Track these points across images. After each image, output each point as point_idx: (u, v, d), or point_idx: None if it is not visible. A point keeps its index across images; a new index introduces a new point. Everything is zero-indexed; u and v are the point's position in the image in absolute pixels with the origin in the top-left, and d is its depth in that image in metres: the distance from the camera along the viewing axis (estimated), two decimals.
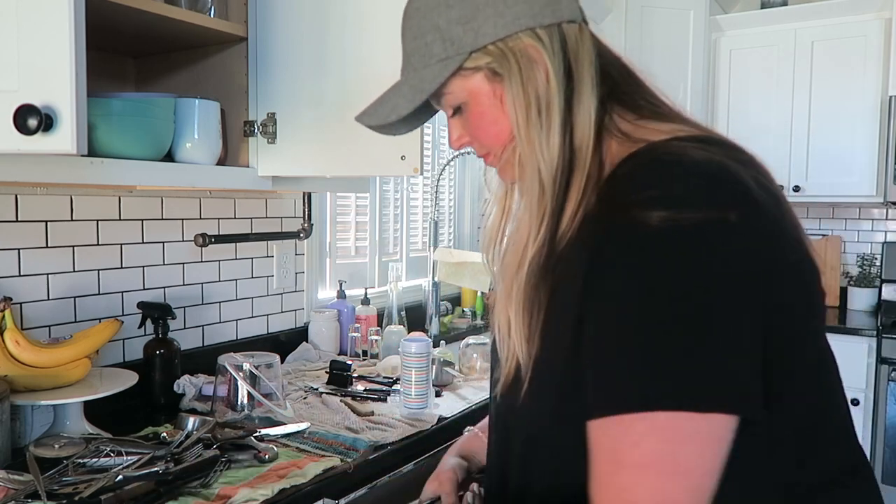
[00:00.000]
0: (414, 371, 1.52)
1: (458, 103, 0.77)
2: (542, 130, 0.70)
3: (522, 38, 0.71)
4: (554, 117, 0.70)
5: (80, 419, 1.31)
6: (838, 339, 2.70)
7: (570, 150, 0.71)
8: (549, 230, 0.70)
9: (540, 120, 0.71)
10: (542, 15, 0.71)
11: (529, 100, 0.71)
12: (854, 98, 2.93)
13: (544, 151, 0.70)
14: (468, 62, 0.73)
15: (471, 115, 0.77)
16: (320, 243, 2.18)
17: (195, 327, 1.77)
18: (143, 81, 1.60)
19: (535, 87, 0.71)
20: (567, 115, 0.71)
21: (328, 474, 1.20)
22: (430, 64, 0.74)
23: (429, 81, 0.75)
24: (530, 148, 0.71)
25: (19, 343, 1.25)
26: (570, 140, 0.71)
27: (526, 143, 0.71)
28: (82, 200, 1.50)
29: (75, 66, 0.90)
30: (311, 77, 1.42)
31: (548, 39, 0.71)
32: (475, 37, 0.72)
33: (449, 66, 0.73)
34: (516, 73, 0.71)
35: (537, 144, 0.70)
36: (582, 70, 0.72)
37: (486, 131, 0.76)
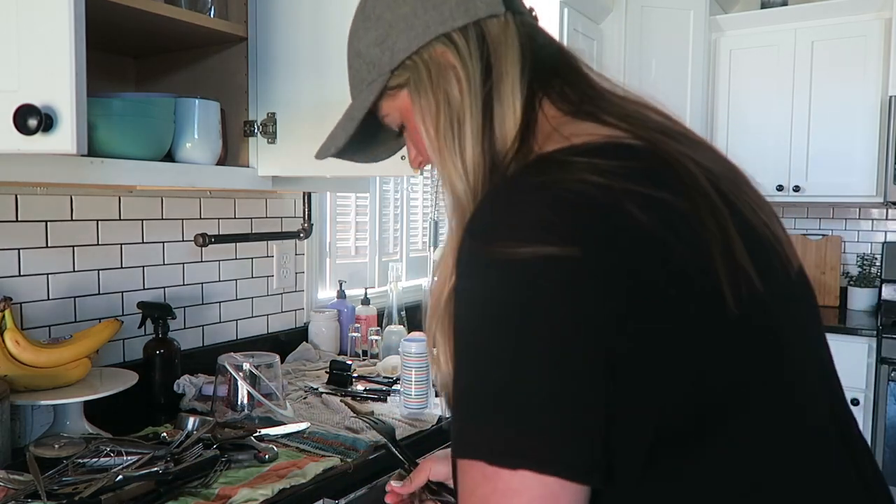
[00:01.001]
0: (414, 371, 1.52)
1: (398, 124, 0.75)
2: (454, 141, 0.66)
3: (435, 45, 0.68)
4: (468, 124, 0.65)
5: (80, 419, 1.31)
6: (838, 339, 2.70)
7: (491, 156, 0.65)
8: None
9: (452, 130, 0.66)
10: (453, 18, 0.67)
11: (439, 109, 0.67)
12: (854, 98, 2.93)
13: (457, 163, 0.65)
14: (392, 81, 0.71)
15: (409, 134, 0.75)
16: (320, 243, 2.18)
17: (195, 327, 1.77)
18: (143, 81, 1.60)
19: (445, 94, 0.66)
20: (486, 119, 0.65)
21: (328, 474, 1.20)
22: (362, 89, 0.73)
23: (358, 108, 0.74)
24: (442, 162, 0.67)
25: (19, 343, 1.25)
26: (490, 145, 0.65)
27: (438, 156, 0.67)
28: (82, 200, 1.50)
29: (75, 66, 0.90)
30: (311, 77, 1.42)
31: (462, 41, 0.67)
32: (391, 55, 0.70)
33: (374, 89, 0.72)
34: (425, 84, 0.68)
35: (449, 157, 0.66)
36: (504, 64, 0.66)
37: (422, 146, 0.72)
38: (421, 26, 0.68)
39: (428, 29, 0.68)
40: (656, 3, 3.06)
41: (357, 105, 0.74)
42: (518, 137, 0.64)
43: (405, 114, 0.72)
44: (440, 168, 0.67)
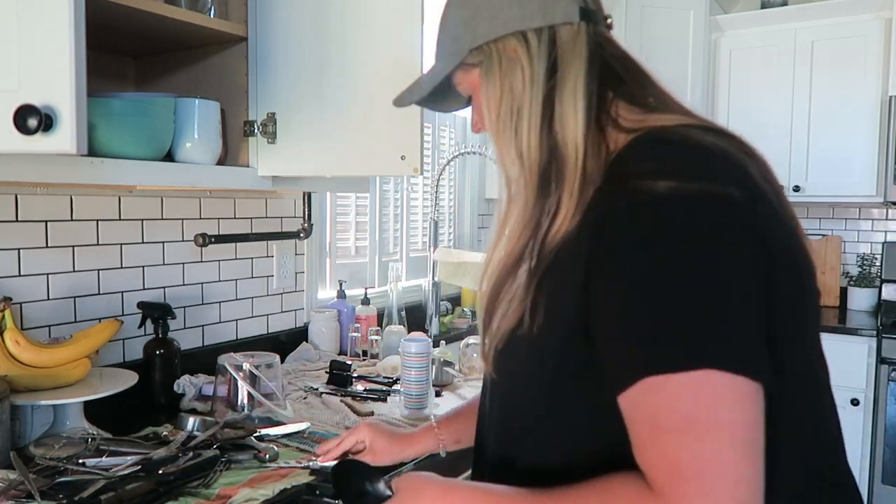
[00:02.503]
0: (414, 371, 1.52)
1: (467, 93, 0.87)
2: (511, 128, 0.74)
3: (510, 39, 0.76)
4: (525, 116, 0.74)
5: (80, 419, 1.31)
6: (838, 339, 2.70)
7: (550, 149, 0.72)
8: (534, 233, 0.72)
9: (510, 118, 0.75)
10: (531, 18, 0.75)
11: (502, 97, 0.76)
12: (854, 98, 2.93)
13: (512, 150, 0.74)
14: (468, 58, 0.80)
15: (474, 107, 0.86)
16: (320, 243, 2.18)
17: (195, 327, 1.77)
18: (143, 81, 1.60)
19: (510, 85, 0.75)
20: (545, 114, 0.73)
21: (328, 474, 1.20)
22: (443, 56, 0.83)
23: (437, 73, 0.84)
24: (499, 143, 0.76)
25: (19, 343, 1.25)
26: (549, 138, 0.73)
27: (495, 137, 0.77)
28: (82, 200, 1.50)
29: (75, 66, 0.90)
30: (311, 77, 1.42)
31: (535, 41, 0.75)
32: (473, 36, 0.78)
33: (452, 61, 0.81)
34: (496, 72, 0.76)
35: (505, 140, 0.75)
36: (568, 69, 0.73)
37: (486, 123, 0.81)
38: (502, 19, 0.76)
39: (507, 23, 0.76)
40: (656, 3, 3.06)
41: (438, 69, 0.84)
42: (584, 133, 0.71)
43: (474, 88, 0.82)
44: (497, 147, 0.77)
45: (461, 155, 2.52)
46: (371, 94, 1.37)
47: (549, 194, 0.71)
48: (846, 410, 2.67)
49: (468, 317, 2.69)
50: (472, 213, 2.99)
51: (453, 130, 2.87)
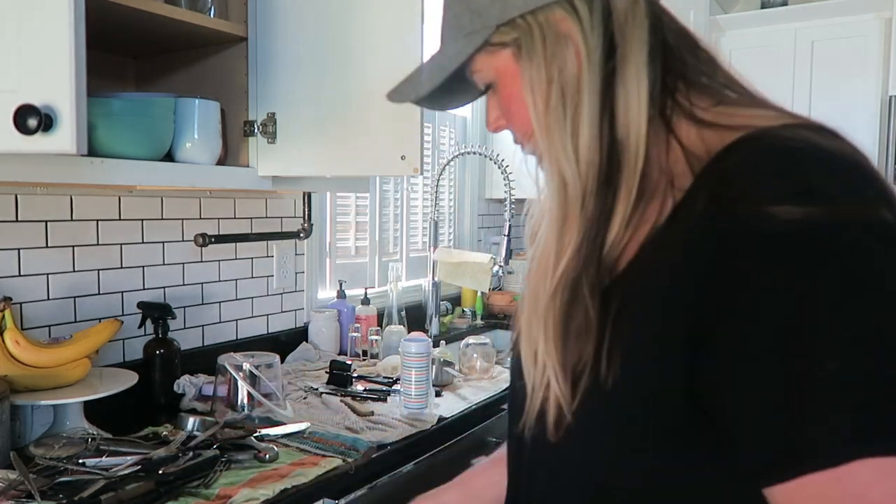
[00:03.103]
0: (414, 371, 1.52)
1: (488, 82, 0.68)
2: (565, 120, 0.60)
3: (555, 9, 0.60)
4: (583, 105, 0.59)
5: (80, 419, 1.31)
6: None
7: (609, 143, 0.59)
8: (589, 240, 0.59)
9: (564, 108, 0.60)
10: None
11: (551, 83, 0.60)
12: (854, 98, 2.93)
13: (568, 147, 0.59)
14: (495, 37, 0.63)
15: (501, 97, 0.68)
16: (320, 243, 2.18)
17: (195, 327, 1.77)
18: (143, 81, 1.60)
19: (560, 68, 0.60)
20: (606, 102, 0.59)
21: (328, 474, 1.20)
22: (458, 38, 0.65)
23: (450, 58, 0.66)
24: (550, 140, 0.61)
25: (19, 343, 1.25)
26: (609, 132, 0.59)
27: (545, 133, 0.61)
28: (82, 200, 1.50)
29: (75, 65, 0.90)
30: (311, 77, 1.42)
31: (586, 11, 0.59)
32: (503, 8, 0.62)
33: (473, 42, 0.64)
34: (539, 52, 0.61)
35: (558, 136, 0.60)
36: (629, 47, 0.59)
37: (516, 115, 0.66)
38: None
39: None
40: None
41: (450, 55, 0.66)
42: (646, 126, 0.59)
43: (502, 75, 0.66)
44: (545, 146, 0.61)
45: (461, 155, 2.52)
46: (371, 93, 1.37)
47: (606, 196, 0.59)
48: None
49: (468, 317, 2.69)
50: (472, 213, 2.99)
51: (453, 130, 2.87)
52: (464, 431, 1.58)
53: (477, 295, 2.78)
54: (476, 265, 2.43)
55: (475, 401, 1.67)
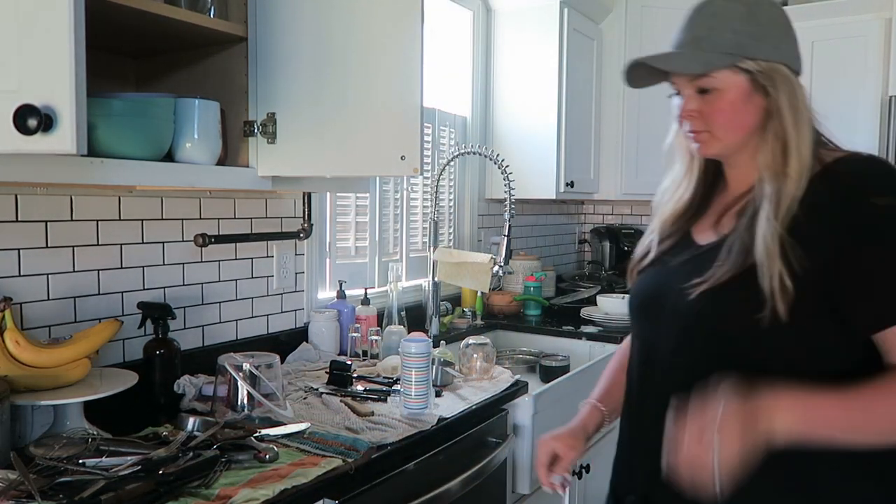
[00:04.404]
0: (414, 371, 1.52)
1: (712, 87, 1.00)
2: (802, 130, 0.98)
3: (783, 67, 0.99)
4: (805, 129, 0.99)
5: (80, 419, 1.31)
6: None
7: (812, 151, 0.98)
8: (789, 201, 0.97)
9: (803, 123, 0.99)
10: (794, 62, 1.02)
11: (797, 108, 0.99)
12: (854, 98, 2.93)
13: (803, 147, 0.98)
14: (743, 63, 0.98)
15: (718, 101, 1.01)
16: (320, 243, 2.18)
17: (195, 327, 1.77)
18: (143, 81, 1.60)
19: (797, 101, 1.00)
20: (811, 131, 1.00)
21: (328, 474, 1.20)
22: (717, 51, 0.99)
23: (716, 60, 0.99)
24: (799, 140, 0.98)
25: (19, 343, 1.25)
26: (813, 146, 0.99)
27: (796, 136, 0.98)
28: (82, 200, 1.50)
29: (75, 66, 0.90)
30: (311, 77, 1.42)
31: (794, 78, 1.01)
32: (756, 50, 0.98)
33: (732, 59, 0.98)
34: (783, 88, 0.99)
35: (803, 139, 0.98)
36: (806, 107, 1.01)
37: (727, 117, 1.01)
38: (783, 51, 1.00)
39: (785, 55, 1.00)
40: (656, 3, 3.06)
41: (713, 60, 0.99)
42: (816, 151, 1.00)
43: (731, 88, 1.00)
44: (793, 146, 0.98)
45: (461, 155, 2.52)
46: (371, 94, 1.37)
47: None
48: None
49: (468, 317, 2.69)
50: (472, 213, 2.99)
51: (453, 130, 2.87)
52: (464, 431, 1.58)
53: (477, 295, 2.78)
54: (476, 265, 2.43)
55: (475, 401, 1.67)
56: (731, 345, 0.96)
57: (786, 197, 0.96)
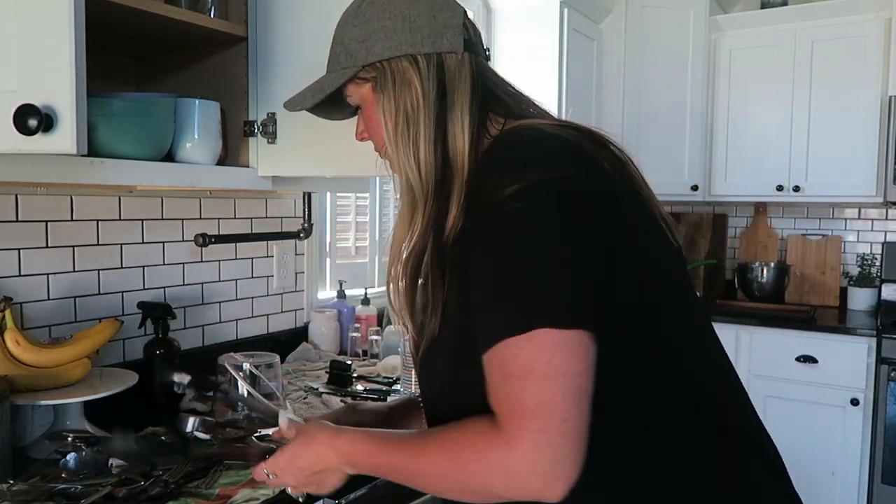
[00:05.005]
0: (414, 371, 1.52)
1: (355, 104, 0.94)
2: (409, 140, 0.84)
3: (402, 60, 0.85)
4: (421, 131, 0.83)
5: (80, 419, 1.31)
6: (838, 339, 2.70)
7: (443, 159, 0.83)
8: (428, 231, 0.83)
9: (408, 131, 0.84)
10: (423, 45, 0.85)
11: (398, 112, 0.85)
12: (854, 98, 2.93)
13: (411, 159, 0.84)
14: (361, 73, 0.88)
15: (363, 117, 0.94)
16: (320, 243, 2.18)
17: (195, 327, 1.77)
18: (144, 81, 1.60)
19: (404, 102, 0.84)
20: (439, 130, 0.84)
21: None
22: (336, 70, 0.91)
23: (329, 84, 0.92)
24: (396, 154, 0.85)
25: (19, 343, 1.25)
26: (442, 151, 0.83)
27: (394, 148, 0.86)
28: (82, 200, 1.50)
29: (75, 65, 0.90)
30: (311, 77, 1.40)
31: (424, 65, 0.85)
32: (367, 54, 0.87)
33: (346, 74, 0.89)
34: (390, 88, 0.85)
35: (403, 152, 0.84)
36: (457, 93, 0.85)
37: (374, 132, 0.92)
38: (396, 41, 0.85)
39: (400, 46, 0.85)
40: (656, 3, 3.06)
41: (329, 81, 0.92)
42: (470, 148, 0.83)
43: (364, 101, 0.91)
44: (394, 155, 0.86)
45: None
46: None
47: (442, 198, 0.82)
48: (846, 410, 2.68)
49: None
50: None
51: None
52: None
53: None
54: None
55: None
56: None
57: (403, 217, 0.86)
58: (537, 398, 0.68)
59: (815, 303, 3.25)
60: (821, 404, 2.71)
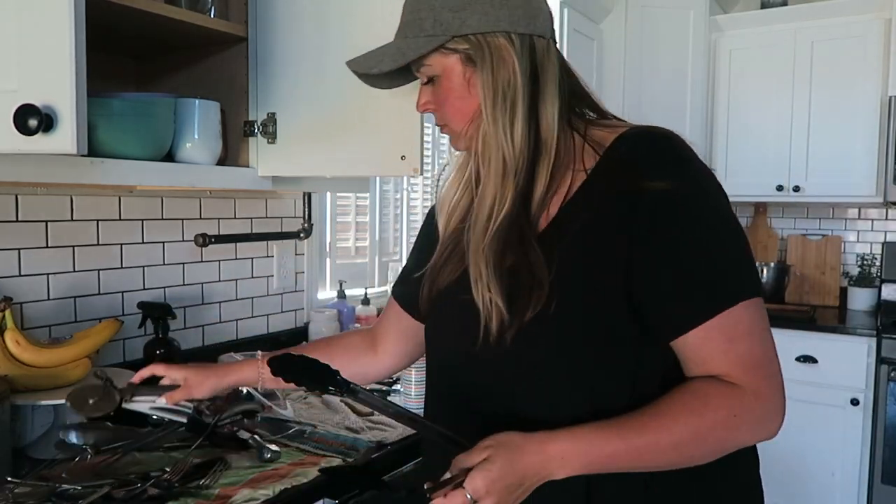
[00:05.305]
0: (414, 371, 1.52)
1: (432, 74, 0.90)
2: (506, 116, 0.85)
3: (499, 37, 0.85)
4: (518, 108, 0.85)
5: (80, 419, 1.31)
6: (838, 339, 2.70)
7: (535, 139, 0.86)
8: (516, 204, 0.85)
9: (505, 107, 0.85)
10: (518, 24, 0.85)
11: (497, 88, 0.85)
12: (854, 98, 2.93)
13: (508, 135, 0.85)
14: (450, 43, 0.86)
15: (441, 89, 0.90)
16: (320, 243, 2.18)
17: (195, 327, 1.77)
18: (144, 82, 1.60)
19: (503, 79, 0.84)
20: (532, 110, 0.86)
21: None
22: (419, 36, 0.87)
23: (413, 49, 0.87)
24: (494, 129, 0.85)
25: (19, 343, 1.25)
26: (535, 130, 0.86)
27: (491, 123, 0.85)
28: (82, 200, 1.50)
29: (75, 65, 0.90)
30: (311, 77, 1.42)
31: (519, 44, 0.85)
32: (460, 25, 0.84)
33: (433, 42, 0.86)
34: (488, 64, 0.85)
35: (501, 128, 0.85)
36: (547, 77, 0.86)
37: (452, 105, 0.90)
38: (494, 17, 0.84)
39: (499, 22, 0.84)
40: (656, 3, 3.06)
41: (412, 46, 0.87)
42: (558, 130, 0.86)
43: (447, 72, 0.88)
44: (492, 130, 0.85)
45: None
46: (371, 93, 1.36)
47: (529, 173, 0.86)
48: (846, 410, 2.68)
49: None
50: None
51: None
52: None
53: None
54: None
55: None
56: None
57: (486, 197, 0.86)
58: (762, 352, 0.80)
59: (815, 303, 3.25)
60: (821, 404, 2.71)
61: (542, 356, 0.84)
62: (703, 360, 0.80)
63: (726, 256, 0.81)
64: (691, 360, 0.82)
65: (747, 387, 0.79)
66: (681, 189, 0.80)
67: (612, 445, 0.78)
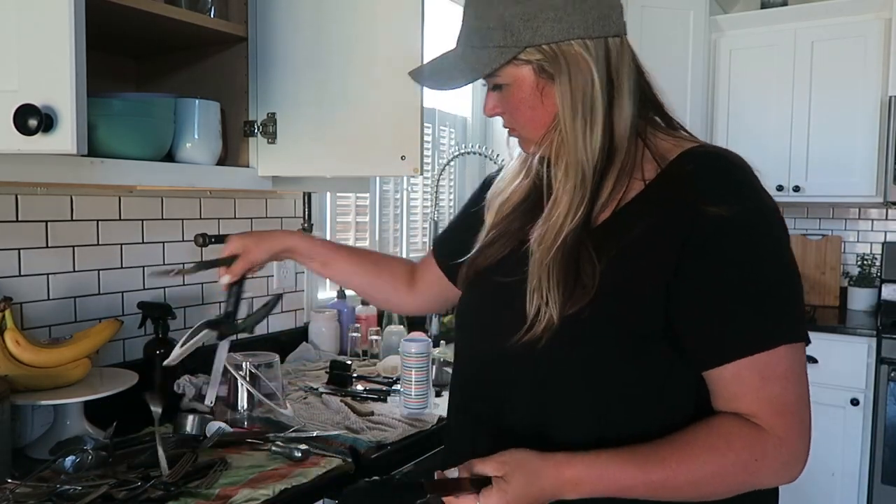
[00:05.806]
0: (414, 371, 1.52)
1: (502, 83, 0.87)
2: (586, 126, 0.83)
3: (574, 44, 0.82)
4: (597, 116, 0.83)
5: (80, 419, 1.31)
6: (838, 339, 2.70)
7: (609, 145, 0.84)
8: (586, 210, 0.84)
9: (584, 117, 0.83)
10: (593, 28, 0.82)
11: (577, 98, 0.82)
12: (854, 98, 2.93)
13: (587, 144, 0.83)
14: (522, 54, 0.83)
15: (511, 97, 0.87)
16: None
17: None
18: (144, 82, 1.60)
19: (581, 88, 0.82)
20: (608, 117, 0.84)
21: (328, 474, 1.20)
22: (489, 47, 0.83)
23: (485, 64, 0.84)
24: (573, 138, 0.83)
25: (19, 343, 1.25)
26: (610, 137, 0.84)
27: (570, 133, 0.83)
28: (82, 200, 1.50)
29: (75, 65, 0.90)
30: (311, 77, 1.42)
31: (595, 50, 0.82)
32: (533, 35, 0.81)
33: (505, 55, 0.83)
34: (565, 74, 0.82)
35: (581, 137, 0.83)
36: (622, 80, 0.84)
37: (523, 114, 0.87)
38: (567, 23, 0.81)
39: (572, 29, 0.81)
40: (656, 3, 3.06)
41: (485, 60, 0.84)
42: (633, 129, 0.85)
43: (519, 82, 0.85)
44: (571, 140, 0.83)
45: (461, 155, 2.52)
46: (371, 94, 1.37)
47: (599, 179, 0.84)
48: (846, 410, 2.68)
49: None
50: None
51: (453, 130, 2.87)
52: None
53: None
54: None
55: None
56: None
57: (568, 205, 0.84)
58: (795, 397, 0.78)
59: (815, 303, 3.25)
60: (821, 404, 2.70)
61: (574, 357, 0.83)
62: (734, 395, 0.79)
63: (777, 294, 0.78)
64: (721, 394, 0.80)
65: (773, 430, 0.77)
66: (741, 217, 0.77)
67: (627, 475, 0.77)
